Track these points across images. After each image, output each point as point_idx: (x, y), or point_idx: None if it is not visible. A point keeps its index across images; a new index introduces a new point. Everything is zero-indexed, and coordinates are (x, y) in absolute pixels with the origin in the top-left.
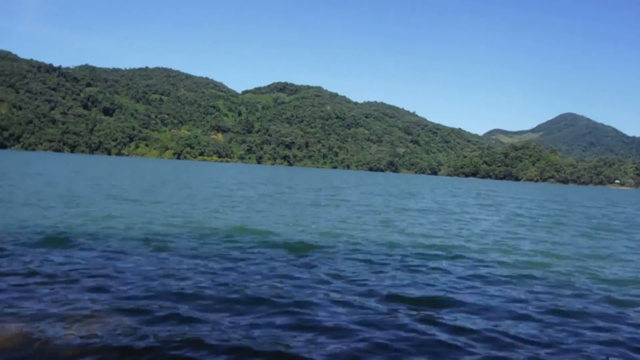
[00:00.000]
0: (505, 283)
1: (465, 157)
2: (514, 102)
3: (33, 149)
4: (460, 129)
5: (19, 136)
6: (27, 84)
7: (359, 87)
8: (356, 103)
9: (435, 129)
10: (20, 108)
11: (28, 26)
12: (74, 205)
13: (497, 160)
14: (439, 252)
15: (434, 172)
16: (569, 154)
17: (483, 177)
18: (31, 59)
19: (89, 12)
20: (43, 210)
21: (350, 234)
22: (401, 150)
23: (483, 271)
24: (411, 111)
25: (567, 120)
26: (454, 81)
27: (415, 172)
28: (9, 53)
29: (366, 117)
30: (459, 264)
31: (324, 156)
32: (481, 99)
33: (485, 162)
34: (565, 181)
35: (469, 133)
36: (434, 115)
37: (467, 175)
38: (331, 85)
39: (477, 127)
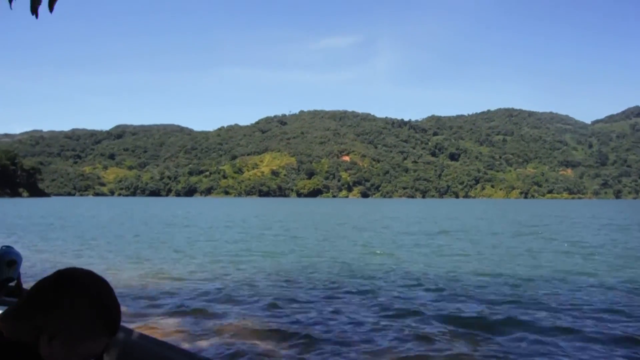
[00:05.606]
0: None
1: None
2: None
3: (390, 196)
4: None
5: (378, 185)
6: (384, 139)
7: None
8: None
9: None
10: (378, 161)
11: (382, 87)
12: None
13: None
14: None
15: None
16: None
17: None
18: (386, 117)
19: (433, 66)
20: None
21: None
22: None
23: None
24: None
25: None
26: None
27: None
28: (368, 114)
29: None
30: None
31: None
32: None
33: None
34: None
35: None
36: None
37: None
38: None
39: None
